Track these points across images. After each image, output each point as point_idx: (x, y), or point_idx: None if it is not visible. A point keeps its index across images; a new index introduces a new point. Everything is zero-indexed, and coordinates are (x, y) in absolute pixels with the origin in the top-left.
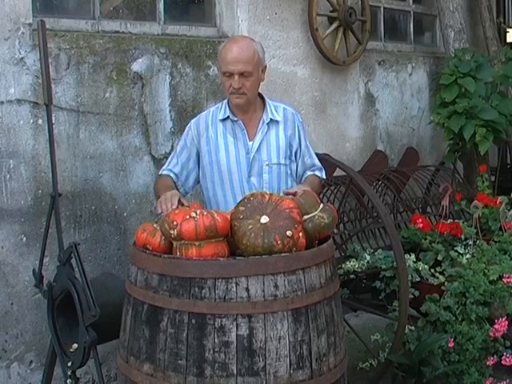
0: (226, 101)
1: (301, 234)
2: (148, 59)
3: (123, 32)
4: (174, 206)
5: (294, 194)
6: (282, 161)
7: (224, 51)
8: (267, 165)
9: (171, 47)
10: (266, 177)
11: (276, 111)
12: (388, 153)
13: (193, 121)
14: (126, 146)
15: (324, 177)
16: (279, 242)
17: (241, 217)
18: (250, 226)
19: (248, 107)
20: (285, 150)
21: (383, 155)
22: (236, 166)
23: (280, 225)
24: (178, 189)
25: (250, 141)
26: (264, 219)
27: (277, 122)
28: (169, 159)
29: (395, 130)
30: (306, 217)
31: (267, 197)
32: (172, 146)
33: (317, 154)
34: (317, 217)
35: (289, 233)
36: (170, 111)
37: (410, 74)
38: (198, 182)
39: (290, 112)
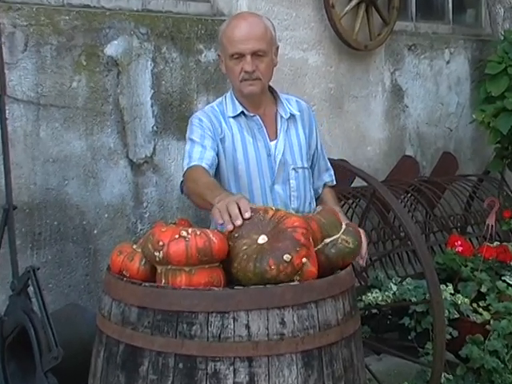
0: (229, 94)
1: (305, 260)
2: (125, 41)
3: (95, 6)
4: (247, 215)
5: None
6: (306, 163)
7: (230, 29)
8: (293, 169)
9: (154, 26)
10: (293, 183)
11: (290, 104)
12: (419, 159)
13: (197, 114)
14: (98, 148)
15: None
16: (273, 268)
17: (236, 235)
18: (245, 247)
19: (261, 99)
20: (306, 150)
21: (413, 162)
22: (257, 171)
23: (277, 247)
24: None
25: (270, 141)
26: (262, 239)
27: (295, 117)
28: (187, 153)
29: (428, 130)
30: (327, 240)
31: (271, 212)
32: (154, 148)
33: (331, 161)
34: (340, 240)
35: (286, 257)
36: (151, 105)
37: (448, 62)
38: None
39: (303, 104)
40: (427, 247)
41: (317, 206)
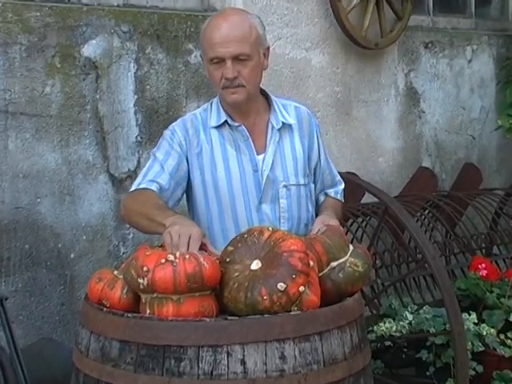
0: (216, 100)
1: (302, 289)
2: (105, 40)
3: (70, 2)
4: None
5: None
6: (302, 180)
7: (209, 30)
8: (284, 186)
9: (137, 24)
10: (283, 203)
11: (287, 111)
12: (438, 171)
13: (174, 124)
14: (75, 161)
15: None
16: (265, 298)
17: (227, 260)
18: (236, 274)
19: (249, 107)
20: (303, 164)
21: (431, 174)
22: (241, 189)
23: (271, 274)
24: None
25: (258, 154)
26: (255, 265)
27: (290, 126)
28: (145, 170)
29: (448, 138)
30: (334, 264)
31: (267, 234)
32: (139, 161)
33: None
34: (348, 264)
35: (280, 285)
36: (135, 113)
37: (470, 61)
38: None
39: (305, 112)
40: (447, 271)
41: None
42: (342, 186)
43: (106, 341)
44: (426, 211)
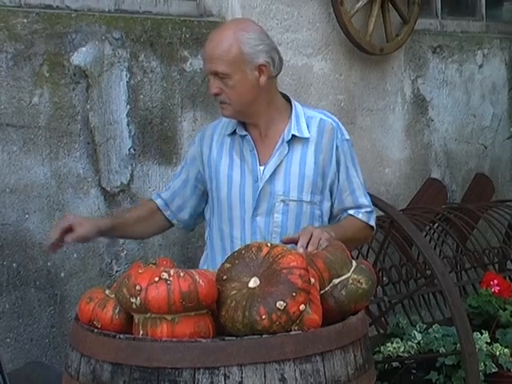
0: None
1: (303, 307)
2: (95, 48)
3: (58, 7)
4: (54, 235)
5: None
6: (306, 197)
7: (205, 43)
8: (282, 201)
9: (129, 30)
10: (277, 217)
11: (307, 124)
12: (447, 182)
13: (200, 132)
14: (64, 175)
15: (372, 223)
16: (264, 317)
17: (224, 277)
18: (234, 292)
19: (254, 119)
20: (312, 181)
21: (440, 186)
22: (239, 199)
23: (270, 292)
24: (168, 220)
25: (260, 165)
26: (253, 282)
27: (304, 139)
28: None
29: (458, 148)
30: (336, 280)
31: (265, 250)
32: (132, 174)
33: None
34: (351, 280)
35: (279, 304)
36: (128, 124)
37: (481, 66)
38: (203, 215)
39: (329, 125)
40: (458, 287)
41: None
42: (369, 209)
43: (97, 363)
44: (435, 225)
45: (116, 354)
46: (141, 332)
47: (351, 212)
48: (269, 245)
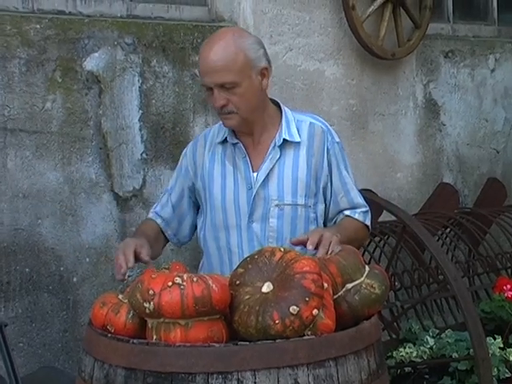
0: None
1: (316, 312)
2: (108, 53)
3: (70, 13)
4: (130, 265)
5: (303, 243)
6: (300, 200)
7: (200, 57)
8: (277, 205)
9: (141, 35)
10: (273, 222)
11: (298, 128)
12: (459, 187)
13: (191, 143)
14: (77, 180)
15: (368, 223)
16: (277, 322)
17: (237, 282)
18: (247, 297)
19: (250, 127)
20: (306, 184)
21: (452, 190)
22: (233, 206)
23: (283, 297)
24: (168, 239)
25: (253, 171)
26: (267, 287)
27: (296, 143)
28: (160, 197)
29: (470, 152)
30: (349, 285)
31: (279, 254)
32: (144, 180)
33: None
34: (364, 285)
35: (293, 309)
36: (140, 129)
37: (493, 70)
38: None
39: (318, 128)
40: (470, 292)
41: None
42: (364, 208)
43: (110, 368)
44: (448, 229)
45: (129, 358)
46: (154, 337)
47: (347, 213)
48: (282, 249)
